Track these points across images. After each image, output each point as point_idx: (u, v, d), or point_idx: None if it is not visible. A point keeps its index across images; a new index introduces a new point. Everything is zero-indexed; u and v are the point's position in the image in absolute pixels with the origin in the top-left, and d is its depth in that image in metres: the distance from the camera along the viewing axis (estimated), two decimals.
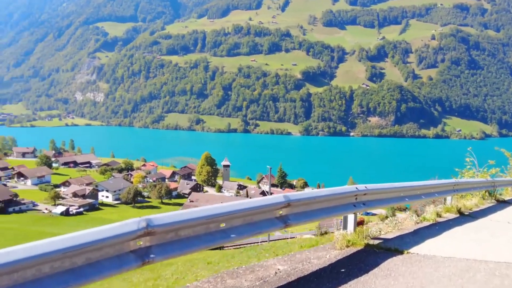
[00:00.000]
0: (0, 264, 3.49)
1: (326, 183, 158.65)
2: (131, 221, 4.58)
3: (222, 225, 5.39)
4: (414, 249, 7.75)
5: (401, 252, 7.54)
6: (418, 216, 10.94)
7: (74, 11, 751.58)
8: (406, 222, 10.05)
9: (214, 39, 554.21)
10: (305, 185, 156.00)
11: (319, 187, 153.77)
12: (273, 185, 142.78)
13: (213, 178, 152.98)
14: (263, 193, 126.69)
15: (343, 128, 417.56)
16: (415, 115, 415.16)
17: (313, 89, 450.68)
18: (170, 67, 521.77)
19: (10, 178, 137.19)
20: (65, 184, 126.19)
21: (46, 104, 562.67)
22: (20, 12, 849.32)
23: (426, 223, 10.35)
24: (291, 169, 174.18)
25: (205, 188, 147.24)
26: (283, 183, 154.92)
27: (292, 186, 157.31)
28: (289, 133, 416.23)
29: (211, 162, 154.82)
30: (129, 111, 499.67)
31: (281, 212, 6.23)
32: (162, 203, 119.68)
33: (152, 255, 4.59)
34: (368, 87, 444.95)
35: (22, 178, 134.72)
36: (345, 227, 8.00)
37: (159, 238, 4.76)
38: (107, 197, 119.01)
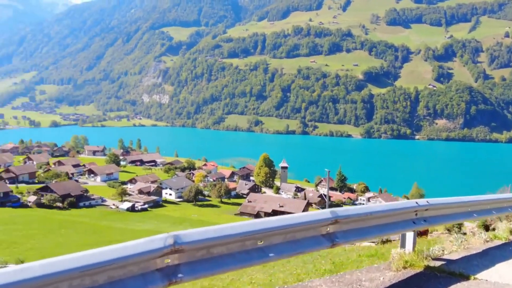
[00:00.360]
0: (14, 282, 3.26)
1: (389, 189, 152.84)
2: (157, 237, 4.21)
3: (260, 242, 4.86)
4: (482, 275, 6.65)
5: (467, 278, 6.49)
6: (487, 231, 9.72)
7: (141, 17, 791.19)
8: (474, 240, 8.87)
9: (274, 41, 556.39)
10: (366, 189, 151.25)
11: (380, 192, 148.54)
12: (331, 189, 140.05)
13: (271, 179, 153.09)
14: (321, 196, 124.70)
15: (408, 131, 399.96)
16: (486, 117, 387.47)
17: (375, 90, 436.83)
18: (230, 70, 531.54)
19: (81, 175, 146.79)
20: (132, 181, 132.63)
21: (115, 105, 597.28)
22: (92, 19, 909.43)
23: (497, 242, 9.07)
24: (351, 172, 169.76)
25: (263, 189, 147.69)
26: (343, 186, 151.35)
27: (352, 190, 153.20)
28: (349, 136, 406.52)
29: (269, 163, 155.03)
30: (192, 112, 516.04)
31: (328, 229, 5.59)
32: (222, 202, 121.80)
33: (180, 275, 4.18)
34: (435, 88, 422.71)
35: (92, 175, 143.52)
36: (403, 246, 7.13)
37: (189, 256, 4.35)
38: (170, 194, 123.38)
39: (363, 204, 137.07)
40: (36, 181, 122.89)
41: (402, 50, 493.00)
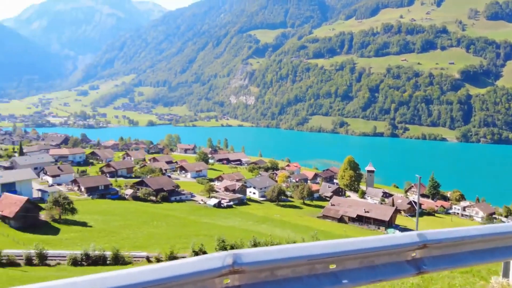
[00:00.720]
0: None
1: (487, 198, 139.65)
2: (216, 255, 3.88)
3: (332, 266, 4.32)
4: None
5: None
6: None
7: (230, 21, 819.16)
8: None
9: (362, 39, 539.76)
10: (461, 198, 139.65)
11: (477, 201, 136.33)
12: (423, 195, 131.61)
13: (356, 183, 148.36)
14: (411, 204, 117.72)
15: (510, 135, 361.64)
16: None
17: (473, 90, 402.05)
18: (316, 70, 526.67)
19: (173, 171, 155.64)
20: (219, 179, 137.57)
21: (205, 106, 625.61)
22: (186, 25, 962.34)
23: None
24: (445, 179, 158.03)
25: (347, 193, 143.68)
26: (435, 194, 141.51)
27: (445, 198, 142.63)
28: (443, 139, 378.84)
29: (354, 166, 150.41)
30: (276, 113, 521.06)
31: (414, 254, 4.84)
32: (304, 203, 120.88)
33: None
34: None
35: (183, 171, 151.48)
36: (505, 275, 6.07)
37: (250, 277, 3.96)
38: (254, 193, 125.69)
39: (458, 213, 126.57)
40: (133, 176, 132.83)
41: (505, 47, 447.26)
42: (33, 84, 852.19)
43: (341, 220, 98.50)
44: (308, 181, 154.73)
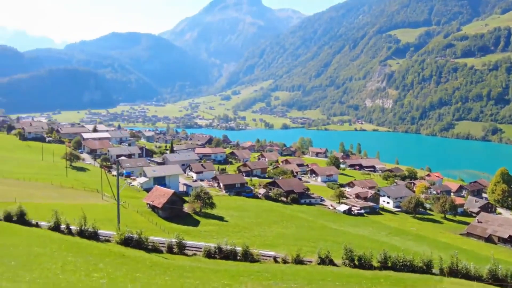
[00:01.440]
0: None
1: None
2: None
3: None
4: None
5: None
6: None
7: (368, 22, 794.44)
8: None
9: None
10: None
11: None
12: None
13: (509, 199, 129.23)
14: None
15: None
16: None
17: None
18: (464, 71, 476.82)
19: (304, 174, 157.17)
20: (350, 184, 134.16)
21: (338, 110, 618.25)
22: (322, 29, 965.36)
23: None
24: None
25: (498, 210, 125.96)
26: None
27: None
28: None
29: (508, 179, 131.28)
30: (417, 117, 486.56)
31: None
32: (445, 218, 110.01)
33: None
34: None
35: (314, 175, 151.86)
36: None
37: None
38: (388, 202, 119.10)
39: None
40: (267, 176, 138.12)
41: None
42: (185, 90, 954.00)
43: (488, 240, 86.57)
44: (451, 194, 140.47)
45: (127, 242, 38.60)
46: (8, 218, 40.16)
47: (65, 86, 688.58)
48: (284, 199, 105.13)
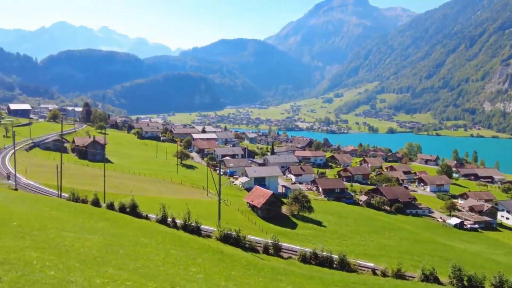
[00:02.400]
0: None
1: None
2: None
3: None
4: None
5: None
6: None
7: (488, 18, 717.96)
8: None
9: None
10: None
11: None
12: None
13: None
14: None
15: None
16: None
17: None
18: None
19: (411, 182, 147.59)
20: (463, 196, 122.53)
21: (452, 114, 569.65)
22: (434, 27, 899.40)
23: None
24: None
25: None
26: None
27: None
28: None
29: None
30: None
31: None
32: None
33: None
34: None
35: (422, 184, 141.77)
36: None
37: None
38: (507, 218, 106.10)
39: None
40: (369, 183, 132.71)
41: None
42: (287, 93, 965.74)
43: None
44: None
45: (226, 239, 39.81)
46: (122, 209, 44.21)
47: (179, 90, 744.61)
48: (387, 208, 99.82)
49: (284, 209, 74.91)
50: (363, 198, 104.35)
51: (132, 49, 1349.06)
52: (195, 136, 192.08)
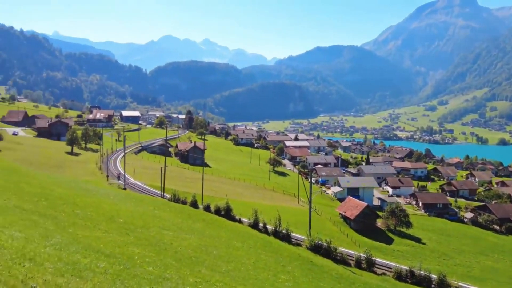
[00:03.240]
0: None
1: None
2: None
3: None
4: None
5: None
6: None
7: None
8: None
9: None
10: None
11: None
12: None
13: None
14: None
15: None
16: None
17: None
18: None
19: None
20: None
21: None
22: None
23: None
24: None
25: None
26: None
27: None
28: None
29: None
30: None
31: None
32: None
33: None
34: None
35: None
36: None
37: None
38: None
39: None
40: (476, 199, 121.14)
41: None
42: (385, 100, 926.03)
43: None
44: None
45: (316, 249, 39.24)
46: (217, 211, 46.14)
47: (273, 98, 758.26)
48: (496, 227, 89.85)
49: (379, 223, 71.55)
50: (469, 215, 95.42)
51: (232, 60, 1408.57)
52: (287, 143, 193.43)
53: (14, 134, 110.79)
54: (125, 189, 59.67)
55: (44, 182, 36.94)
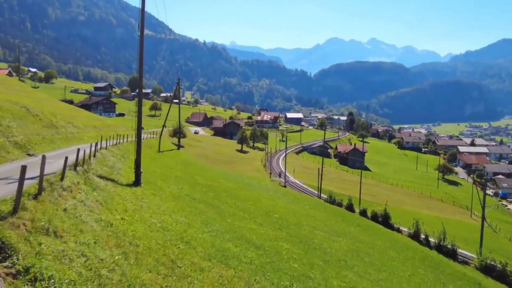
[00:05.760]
0: None
1: None
2: None
3: None
4: None
5: None
6: None
7: None
8: None
9: None
10: None
11: None
12: None
13: None
14: None
15: None
16: None
17: None
18: None
19: None
20: None
21: None
22: None
23: None
24: None
25: None
26: None
27: None
28: None
29: None
30: None
31: None
32: None
33: None
34: None
35: None
36: None
37: None
38: None
39: None
40: None
41: None
42: None
43: None
44: None
45: (487, 270, 34.24)
46: (374, 217, 44.33)
47: (447, 99, 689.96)
48: None
49: None
50: None
51: (400, 58, 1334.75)
52: (461, 149, 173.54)
53: (195, 132, 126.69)
54: (285, 186, 62.37)
55: (214, 175, 41.39)
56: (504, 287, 31.51)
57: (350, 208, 47.54)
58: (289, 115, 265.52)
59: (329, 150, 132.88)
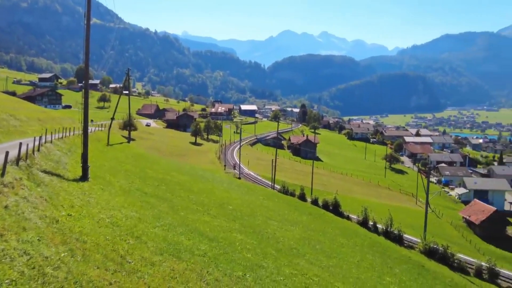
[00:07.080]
0: None
1: None
2: None
3: None
4: None
5: None
6: None
7: None
8: None
9: None
10: None
11: None
12: None
13: None
14: None
15: None
16: None
17: None
18: None
19: None
20: None
21: None
22: None
23: None
24: None
25: None
26: None
27: None
28: None
29: None
30: None
31: None
32: None
33: None
34: None
35: None
36: None
37: None
38: None
39: None
40: None
41: None
42: None
43: None
44: None
45: (430, 253, 36.37)
46: (325, 206, 45.66)
47: (394, 91, 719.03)
48: None
49: (510, 231, 63.38)
50: None
51: (350, 51, 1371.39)
52: (407, 139, 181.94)
53: (147, 125, 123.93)
54: (239, 178, 62.66)
55: (167, 168, 40.77)
56: (445, 268, 33.63)
57: (302, 197, 48.59)
58: (244, 107, 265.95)
59: (282, 142, 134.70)
